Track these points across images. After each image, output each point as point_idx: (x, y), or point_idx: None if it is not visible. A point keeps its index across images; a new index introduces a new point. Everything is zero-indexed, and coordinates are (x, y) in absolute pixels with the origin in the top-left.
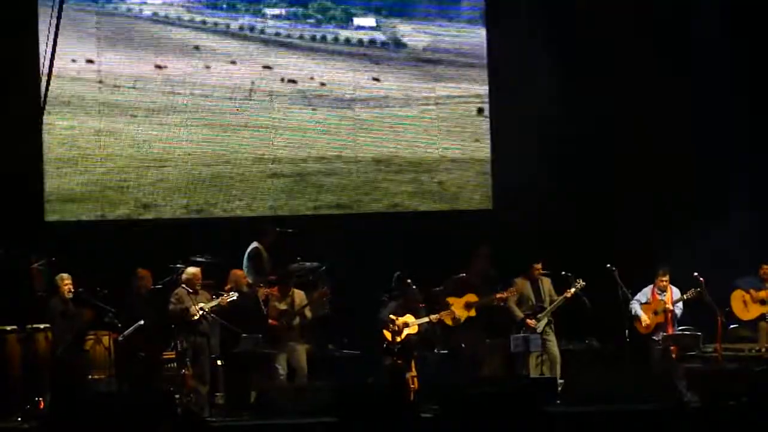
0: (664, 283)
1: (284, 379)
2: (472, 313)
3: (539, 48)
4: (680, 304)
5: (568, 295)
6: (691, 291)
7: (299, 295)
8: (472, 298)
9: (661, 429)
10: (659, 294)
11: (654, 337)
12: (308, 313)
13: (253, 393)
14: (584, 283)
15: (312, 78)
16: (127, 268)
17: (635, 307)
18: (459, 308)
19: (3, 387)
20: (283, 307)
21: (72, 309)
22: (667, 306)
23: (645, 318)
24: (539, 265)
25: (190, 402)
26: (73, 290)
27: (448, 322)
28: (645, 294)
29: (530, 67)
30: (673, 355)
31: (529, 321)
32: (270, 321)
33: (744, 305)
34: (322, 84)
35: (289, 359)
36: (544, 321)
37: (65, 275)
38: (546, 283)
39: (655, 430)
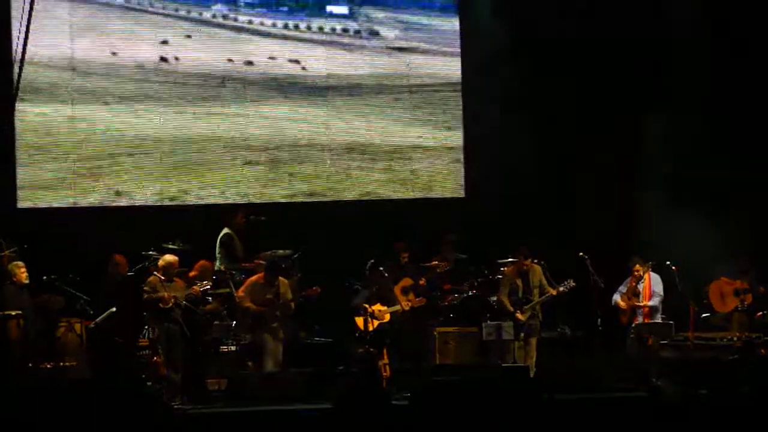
0: (638, 273)
1: (274, 362)
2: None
3: (512, 36)
4: (657, 289)
5: (554, 293)
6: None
7: (284, 284)
8: (407, 281)
9: (632, 416)
10: (636, 282)
11: (633, 324)
12: (292, 304)
13: (225, 381)
14: (575, 285)
15: (285, 66)
16: (100, 255)
17: (615, 297)
18: (403, 298)
19: None
20: (269, 295)
21: (27, 296)
22: (637, 289)
23: (621, 303)
24: (528, 261)
25: (161, 390)
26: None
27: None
28: (625, 284)
29: (504, 55)
30: (649, 343)
31: (518, 315)
32: (255, 307)
33: (721, 298)
34: (295, 72)
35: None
36: (528, 314)
37: (20, 263)
38: (537, 273)
39: (627, 417)
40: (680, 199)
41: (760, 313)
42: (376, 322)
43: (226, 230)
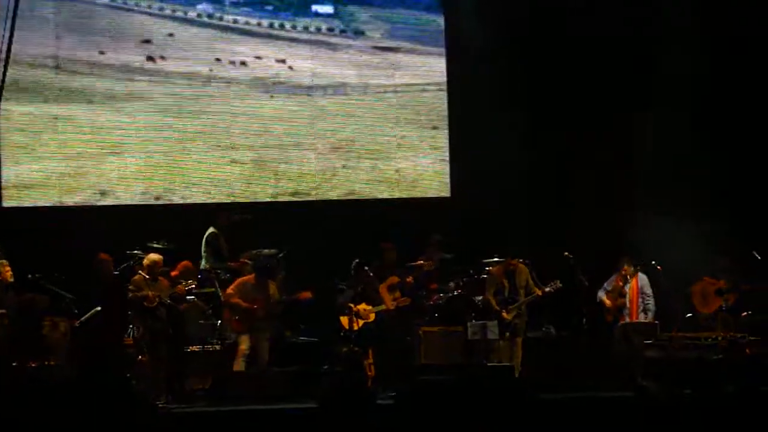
0: (625, 273)
1: (245, 360)
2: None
3: (497, 34)
4: (648, 290)
5: (540, 293)
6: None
7: (272, 285)
8: (393, 279)
9: (618, 416)
10: (623, 282)
11: (619, 323)
12: (280, 306)
13: (209, 380)
14: (561, 286)
15: (270, 65)
16: (85, 255)
17: (600, 294)
18: (389, 297)
19: None
20: (258, 296)
21: (11, 295)
22: (623, 290)
23: (607, 302)
24: (515, 261)
25: (146, 389)
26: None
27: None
28: (610, 282)
29: (489, 54)
30: (633, 342)
31: (504, 314)
32: (245, 304)
33: (703, 299)
34: (281, 71)
35: (253, 344)
36: (514, 313)
37: (4, 261)
38: (524, 273)
39: (612, 417)
40: (676, 199)
41: (745, 312)
42: (361, 322)
43: (211, 229)
